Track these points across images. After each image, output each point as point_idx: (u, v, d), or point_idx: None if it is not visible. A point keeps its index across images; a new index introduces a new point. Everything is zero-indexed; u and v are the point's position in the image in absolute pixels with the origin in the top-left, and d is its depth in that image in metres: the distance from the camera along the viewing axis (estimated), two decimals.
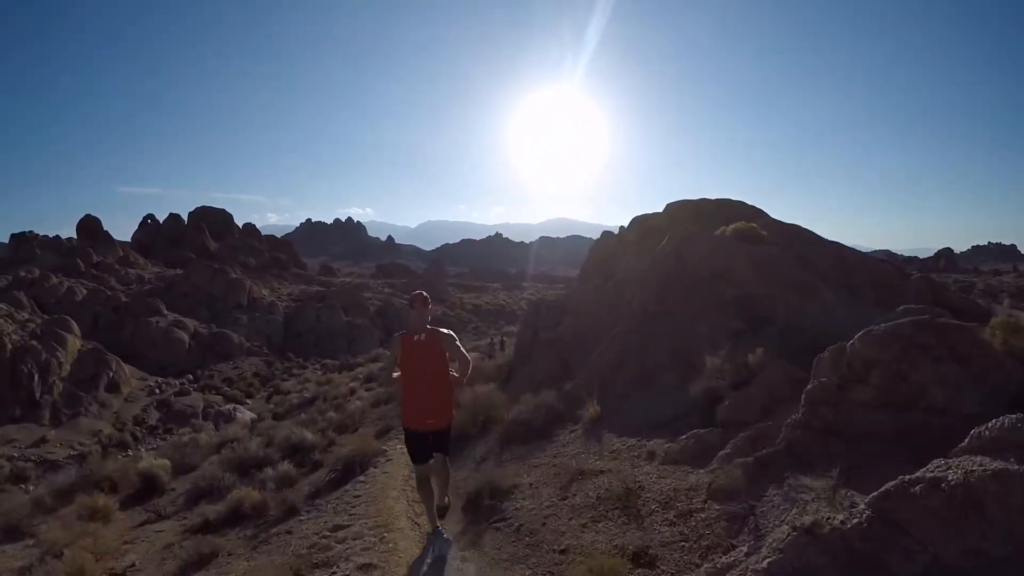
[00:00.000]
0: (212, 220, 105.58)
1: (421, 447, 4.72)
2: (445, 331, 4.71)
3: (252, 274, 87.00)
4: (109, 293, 57.23)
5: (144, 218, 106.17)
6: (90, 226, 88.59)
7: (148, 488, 9.02)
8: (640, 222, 12.07)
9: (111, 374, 38.57)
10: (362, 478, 6.97)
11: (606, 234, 14.43)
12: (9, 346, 35.70)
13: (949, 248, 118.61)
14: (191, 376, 45.71)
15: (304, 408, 20.68)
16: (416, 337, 4.66)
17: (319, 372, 46.14)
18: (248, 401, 40.37)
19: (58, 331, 38.75)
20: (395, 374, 4.83)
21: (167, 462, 9.99)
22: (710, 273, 8.49)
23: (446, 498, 5.12)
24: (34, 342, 36.90)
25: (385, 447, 8.20)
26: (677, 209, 11.54)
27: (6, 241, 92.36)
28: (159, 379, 43.52)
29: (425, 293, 4.88)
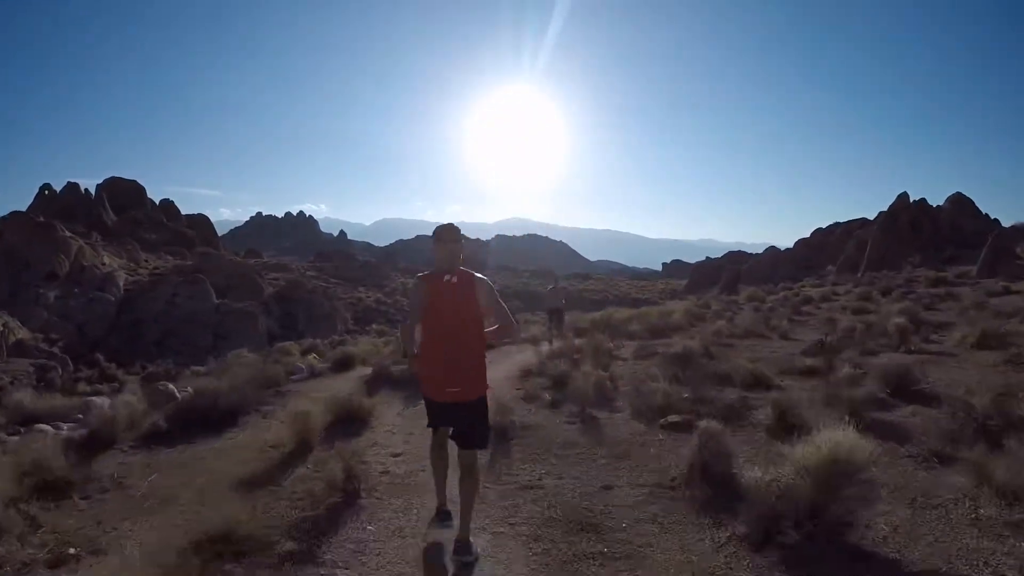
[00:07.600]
0: (120, 193, 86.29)
1: (440, 416, 3.28)
2: (481, 276, 3.20)
3: (145, 249, 64.64)
4: None
5: (40, 188, 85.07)
6: None
7: None
8: None
9: None
10: None
11: None
12: None
13: None
14: None
15: None
16: (446, 279, 3.14)
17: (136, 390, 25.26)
18: None
19: None
20: (417, 335, 3.19)
21: None
22: None
23: (468, 524, 3.22)
24: None
25: None
26: None
27: None
28: None
29: (455, 224, 3.25)
